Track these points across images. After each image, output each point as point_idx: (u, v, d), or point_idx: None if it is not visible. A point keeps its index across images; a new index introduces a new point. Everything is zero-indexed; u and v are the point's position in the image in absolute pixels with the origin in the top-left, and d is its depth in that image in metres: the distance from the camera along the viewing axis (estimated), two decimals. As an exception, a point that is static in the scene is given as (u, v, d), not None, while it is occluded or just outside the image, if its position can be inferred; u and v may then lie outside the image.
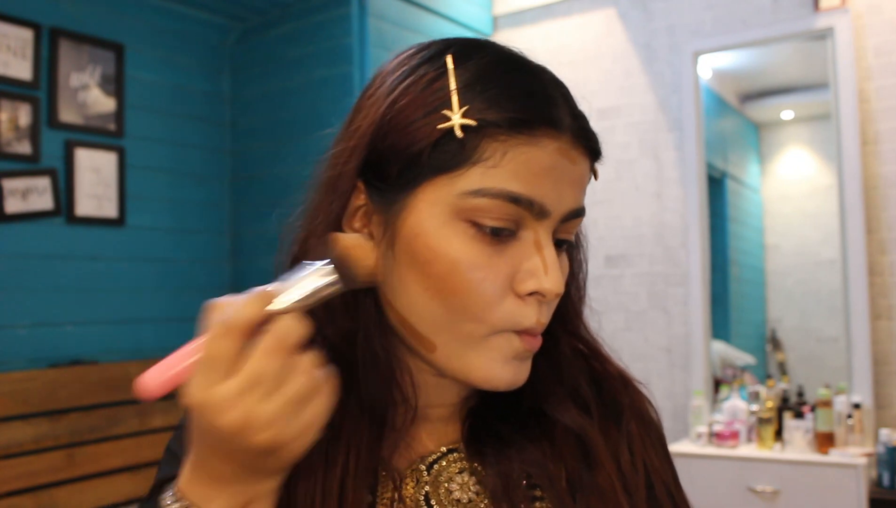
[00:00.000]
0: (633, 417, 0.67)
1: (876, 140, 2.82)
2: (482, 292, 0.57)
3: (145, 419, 2.76)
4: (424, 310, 0.59)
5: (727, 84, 3.36)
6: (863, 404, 2.68)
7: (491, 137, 0.57)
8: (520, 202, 0.57)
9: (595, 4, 3.37)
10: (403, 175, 0.58)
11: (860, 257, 2.77)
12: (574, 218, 0.61)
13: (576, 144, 0.60)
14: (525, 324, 0.58)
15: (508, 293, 0.58)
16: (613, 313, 3.25)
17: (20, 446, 2.42)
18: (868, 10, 2.84)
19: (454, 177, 0.57)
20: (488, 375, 0.59)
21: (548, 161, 0.58)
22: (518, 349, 0.59)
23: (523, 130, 0.57)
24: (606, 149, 0.63)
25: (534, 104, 0.58)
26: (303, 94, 3.09)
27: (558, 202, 0.59)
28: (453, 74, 0.58)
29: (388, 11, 3.03)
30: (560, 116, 0.59)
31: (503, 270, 0.58)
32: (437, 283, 0.58)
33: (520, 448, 0.63)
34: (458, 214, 0.57)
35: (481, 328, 0.58)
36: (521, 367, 0.60)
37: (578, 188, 0.61)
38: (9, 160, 2.58)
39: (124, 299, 2.93)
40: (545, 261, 0.58)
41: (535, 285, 0.58)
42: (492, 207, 0.57)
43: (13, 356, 2.58)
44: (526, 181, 0.57)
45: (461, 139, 0.56)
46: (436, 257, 0.57)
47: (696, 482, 2.64)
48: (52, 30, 2.72)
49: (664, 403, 3.14)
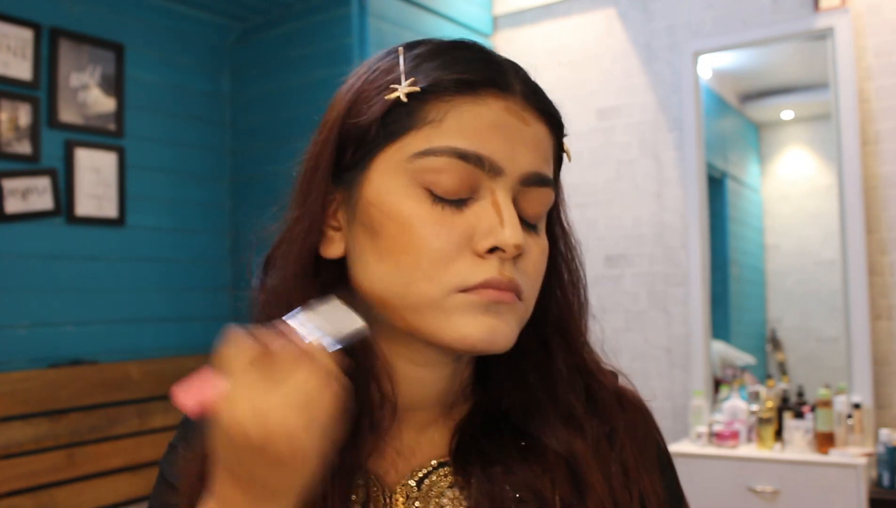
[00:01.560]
0: (628, 438, 0.65)
1: (876, 140, 2.82)
2: (434, 248, 0.57)
3: (145, 419, 2.75)
4: (382, 276, 0.59)
5: (727, 84, 3.36)
6: (863, 404, 2.68)
7: (436, 100, 0.58)
8: (468, 158, 0.57)
9: (595, 4, 3.37)
10: (358, 153, 0.60)
11: (860, 257, 2.77)
12: (538, 185, 0.60)
13: (526, 106, 0.60)
14: (482, 276, 0.57)
15: (465, 252, 0.57)
16: (613, 314, 3.25)
17: (20, 446, 2.42)
18: (868, 10, 2.84)
19: (403, 143, 0.58)
20: (458, 333, 0.57)
21: (494, 118, 0.58)
22: (481, 303, 0.57)
23: (467, 89, 0.58)
24: (606, 149, 0.63)
25: (477, 66, 0.59)
26: (303, 94, 3.09)
27: (511, 159, 0.58)
28: (403, 56, 0.61)
29: (388, 11, 3.03)
30: (507, 79, 0.60)
31: (458, 228, 0.57)
32: (390, 243, 0.58)
33: (508, 469, 0.61)
34: (412, 178, 0.58)
35: (435, 288, 0.57)
36: (499, 322, 0.58)
37: (535, 151, 0.60)
38: (9, 160, 2.58)
39: (124, 299, 2.93)
40: (502, 215, 0.57)
41: (492, 240, 0.57)
42: (441, 165, 0.57)
43: (13, 356, 2.58)
44: (473, 137, 0.57)
45: (407, 106, 0.58)
46: (388, 218, 0.58)
47: (696, 482, 2.64)
48: (52, 30, 2.72)
49: (664, 403, 3.14)
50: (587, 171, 3.31)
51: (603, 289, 3.25)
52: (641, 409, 0.68)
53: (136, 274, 2.98)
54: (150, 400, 2.78)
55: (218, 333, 0.52)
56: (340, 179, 0.62)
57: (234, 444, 0.50)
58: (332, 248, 0.63)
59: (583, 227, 0.69)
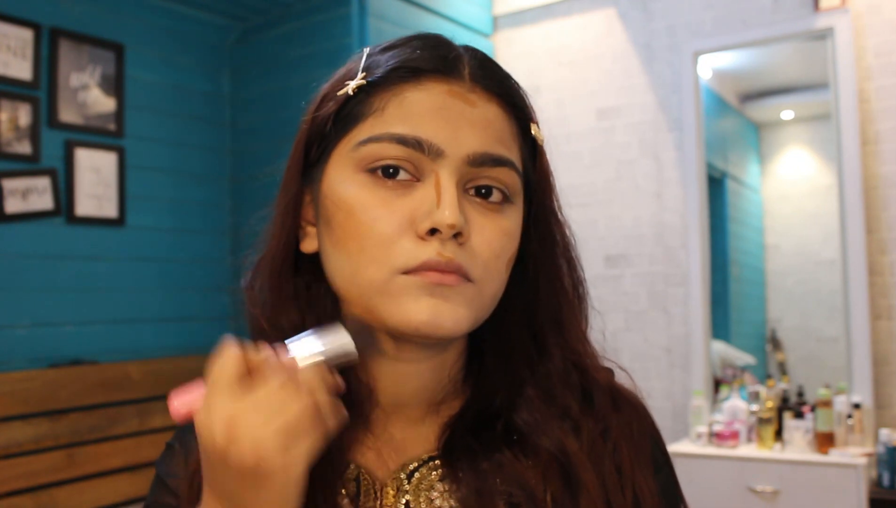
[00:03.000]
0: (623, 436, 0.64)
1: (876, 140, 2.82)
2: (376, 231, 0.57)
3: (145, 419, 2.75)
4: (337, 265, 0.60)
5: (727, 84, 3.36)
6: (863, 404, 2.68)
7: (381, 91, 0.60)
8: (406, 142, 0.58)
9: (595, 4, 3.37)
10: (318, 149, 0.62)
11: (860, 257, 2.77)
12: (491, 165, 0.60)
13: (474, 88, 0.61)
14: (423, 257, 0.57)
15: (408, 234, 0.58)
16: (613, 314, 3.25)
17: (20, 446, 2.42)
18: (868, 10, 2.84)
19: (352, 135, 0.60)
20: (403, 316, 0.57)
21: (434, 102, 0.59)
22: (423, 285, 0.57)
23: (409, 77, 0.60)
24: (606, 149, 0.64)
25: (421, 55, 0.60)
26: (303, 94, 3.06)
27: (453, 141, 0.59)
28: (365, 56, 0.63)
29: (388, 11, 3.03)
30: (453, 64, 0.61)
31: (400, 211, 0.58)
32: (339, 232, 0.59)
33: (498, 464, 0.61)
34: (356, 166, 0.59)
35: (381, 271, 0.57)
36: (443, 305, 0.57)
37: (483, 131, 0.60)
38: (9, 160, 2.58)
39: (124, 299, 2.93)
40: (440, 196, 0.57)
41: (430, 221, 0.57)
42: (382, 151, 0.58)
43: (13, 356, 2.58)
44: (411, 122, 0.58)
45: (357, 99, 0.60)
46: (337, 208, 0.59)
47: (696, 482, 2.64)
48: (52, 30, 2.72)
49: (664, 403, 3.14)
50: (587, 171, 3.31)
51: (603, 289, 3.25)
52: (637, 407, 0.67)
53: (136, 274, 2.98)
54: (150, 400, 2.78)
55: (218, 333, 0.53)
56: (309, 177, 0.64)
57: (206, 452, 0.50)
58: (308, 243, 0.64)
59: (583, 227, 0.68)
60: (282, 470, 0.49)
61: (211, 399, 0.50)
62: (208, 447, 0.50)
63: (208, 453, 0.50)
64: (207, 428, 0.49)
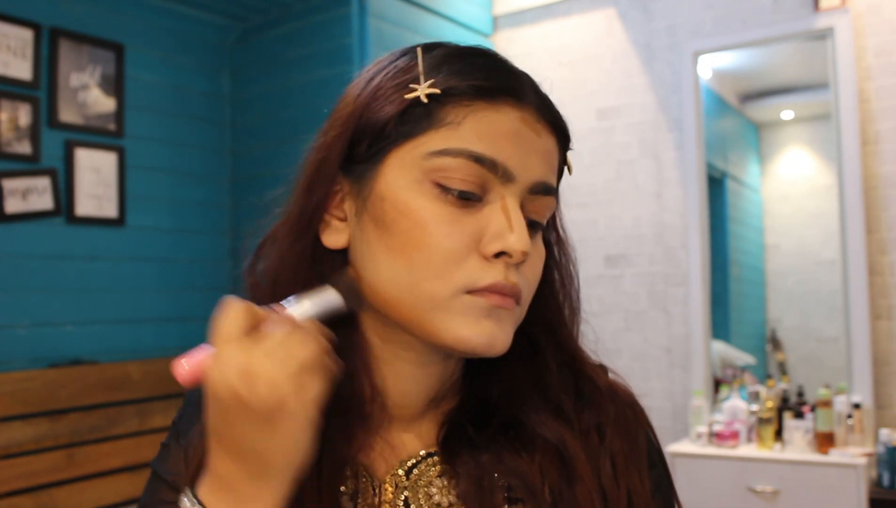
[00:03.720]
0: (618, 432, 0.65)
1: (876, 140, 2.82)
2: (445, 247, 0.57)
3: (145, 419, 2.75)
4: (390, 272, 0.59)
5: (727, 84, 3.36)
6: (863, 404, 2.68)
7: (454, 103, 0.59)
8: (483, 162, 0.58)
9: (595, 4, 3.37)
10: (373, 147, 0.61)
11: (860, 257, 2.77)
12: (543, 194, 0.62)
13: (539, 118, 0.62)
14: (489, 280, 0.58)
15: (473, 254, 0.58)
16: (613, 314, 3.25)
17: (20, 446, 2.42)
18: (868, 10, 2.84)
19: (420, 142, 0.59)
20: (460, 335, 0.58)
21: (510, 126, 0.60)
22: (486, 306, 0.58)
23: (485, 96, 0.59)
24: (606, 149, 0.64)
25: (496, 75, 0.61)
26: (303, 94, 3.09)
27: (524, 167, 0.60)
28: (422, 57, 0.61)
29: (388, 11, 3.03)
30: (522, 88, 0.61)
31: (468, 229, 0.58)
32: (401, 240, 0.58)
33: (496, 457, 0.62)
34: (425, 175, 0.58)
35: (445, 287, 0.58)
36: (498, 328, 0.59)
37: (545, 162, 0.62)
38: (9, 160, 2.58)
39: (124, 299, 2.93)
40: (511, 221, 0.58)
41: (500, 245, 0.58)
42: (456, 166, 0.58)
43: (13, 356, 2.58)
44: (489, 143, 0.58)
45: (425, 106, 0.59)
46: (400, 214, 0.59)
47: (696, 482, 2.64)
48: (52, 30, 2.72)
49: (664, 403, 3.14)
50: (587, 171, 3.31)
51: (603, 289, 3.25)
52: (632, 404, 0.68)
53: (136, 274, 2.98)
54: (150, 400, 2.78)
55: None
56: (351, 171, 0.62)
57: (220, 403, 0.52)
58: (335, 238, 0.63)
59: (583, 227, 0.69)
60: (300, 410, 0.52)
61: (222, 352, 0.52)
62: (224, 398, 0.51)
63: (224, 404, 0.52)
64: (222, 381, 0.51)
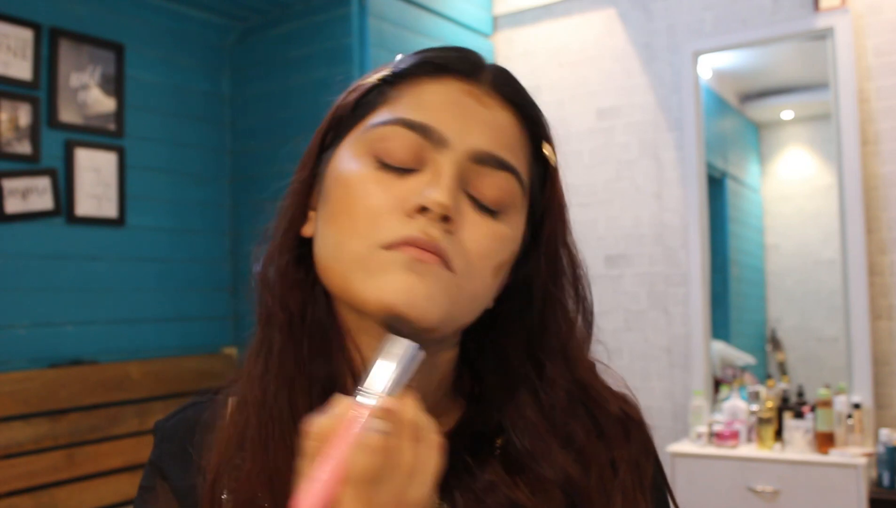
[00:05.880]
0: (630, 468, 0.63)
1: (876, 140, 2.82)
2: (366, 206, 0.57)
3: (145, 419, 2.75)
4: (323, 241, 0.60)
5: (727, 84, 3.36)
6: (863, 404, 2.68)
7: (403, 83, 0.62)
8: (415, 127, 0.58)
9: (595, 4, 3.37)
10: (335, 134, 0.63)
11: (860, 257, 2.77)
12: (492, 166, 0.59)
13: (492, 95, 0.62)
14: (405, 232, 0.56)
15: (396, 212, 0.57)
16: (613, 314, 3.25)
17: (20, 446, 2.42)
18: (868, 10, 2.84)
19: (367, 120, 0.61)
20: (376, 293, 0.55)
21: (451, 97, 0.60)
22: (402, 260, 0.55)
23: (431, 73, 0.61)
24: (606, 149, 0.63)
25: (448, 54, 0.62)
26: (303, 94, 3.09)
27: (460, 133, 0.59)
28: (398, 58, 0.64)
29: (388, 11, 3.03)
30: (477, 69, 0.62)
31: (395, 191, 0.58)
32: (335, 208, 0.59)
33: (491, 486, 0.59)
34: (366, 149, 0.60)
35: (363, 244, 0.57)
36: (419, 285, 0.55)
37: (493, 134, 0.60)
38: (9, 160, 2.58)
39: (124, 299, 2.93)
40: (435, 178, 0.57)
41: (419, 199, 0.56)
42: (391, 134, 0.59)
43: (13, 356, 2.57)
44: (423, 110, 0.59)
45: (379, 90, 0.62)
46: (336, 184, 0.60)
47: (696, 482, 2.64)
48: (52, 30, 2.72)
49: (664, 403, 3.14)
50: (587, 171, 3.31)
51: (603, 289, 3.25)
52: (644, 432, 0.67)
53: (136, 274, 2.98)
54: (150, 400, 2.78)
55: (218, 333, 0.51)
56: (320, 161, 0.64)
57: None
58: (308, 226, 0.64)
59: (583, 227, 0.68)
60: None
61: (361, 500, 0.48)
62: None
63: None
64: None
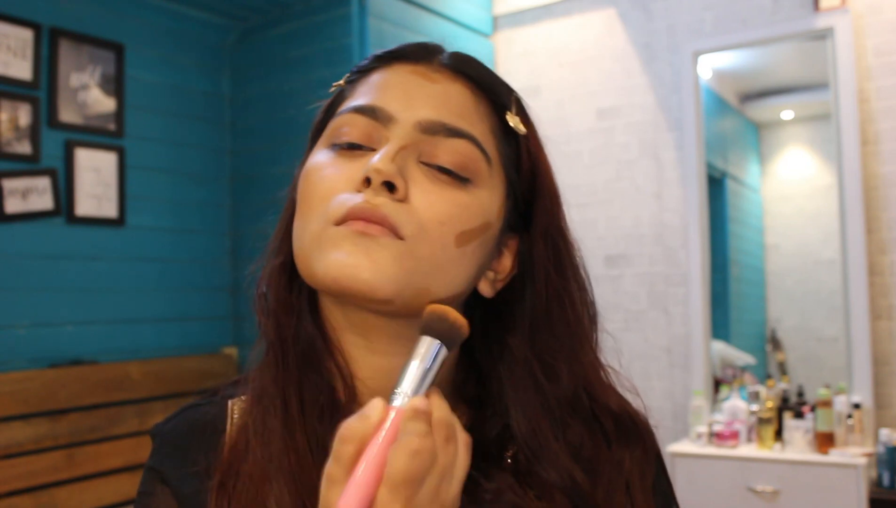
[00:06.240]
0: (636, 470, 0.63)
1: (876, 140, 2.82)
2: (321, 188, 0.59)
3: (145, 419, 2.75)
4: (296, 233, 0.61)
5: (727, 84, 3.36)
6: (863, 404, 2.68)
7: (361, 78, 0.65)
8: (363, 111, 0.61)
9: (595, 4, 3.37)
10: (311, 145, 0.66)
11: (860, 257, 2.77)
12: (446, 135, 0.59)
13: (441, 69, 0.63)
14: (350, 204, 0.56)
15: (349, 189, 0.58)
16: (613, 314, 3.24)
17: (20, 446, 2.42)
18: (868, 10, 2.84)
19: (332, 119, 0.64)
20: (325, 268, 0.55)
21: (396, 78, 0.63)
22: (347, 234, 0.55)
23: (381, 64, 0.64)
24: (606, 149, 0.63)
25: (403, 46, 0.65)
26: (303, 94, 3.09)
27: (406, 107, 0.60)
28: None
29: (388, 11, 3.03)
30: (425, 53, 0.64)
31: (348, 170, 0.59)
32: (300, 199, 0.61)
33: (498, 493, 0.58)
34: (325, 142, 0.63)
35: (317, 223, 0.58)
36: (363, 257, 0.55)
37: (440, 103, 0.61)
38: (9, 160, 2.58)
39: (124, 299, 2.93)
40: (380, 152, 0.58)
41: (363, 171, 0.57)
42: (343, 122, 0.61)
43: (13, 356, 2.57)
44: (370, 94, 0.62)
45: (342, 91, 0.66)
46: (302, 179, 0.62)
47: (696, 482, 2.64)
48: (52, 30, 2.72)
49: (664, 403, 3.14)
50: (587, 171, 3.31)
51: (603, 289, 3.24)
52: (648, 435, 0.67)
53: (136, 274, 2.98)
54: (150, 400, 2.78)
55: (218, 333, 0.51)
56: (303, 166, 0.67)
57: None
58: None
59: (583, 227, 0.68)
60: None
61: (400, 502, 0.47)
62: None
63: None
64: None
